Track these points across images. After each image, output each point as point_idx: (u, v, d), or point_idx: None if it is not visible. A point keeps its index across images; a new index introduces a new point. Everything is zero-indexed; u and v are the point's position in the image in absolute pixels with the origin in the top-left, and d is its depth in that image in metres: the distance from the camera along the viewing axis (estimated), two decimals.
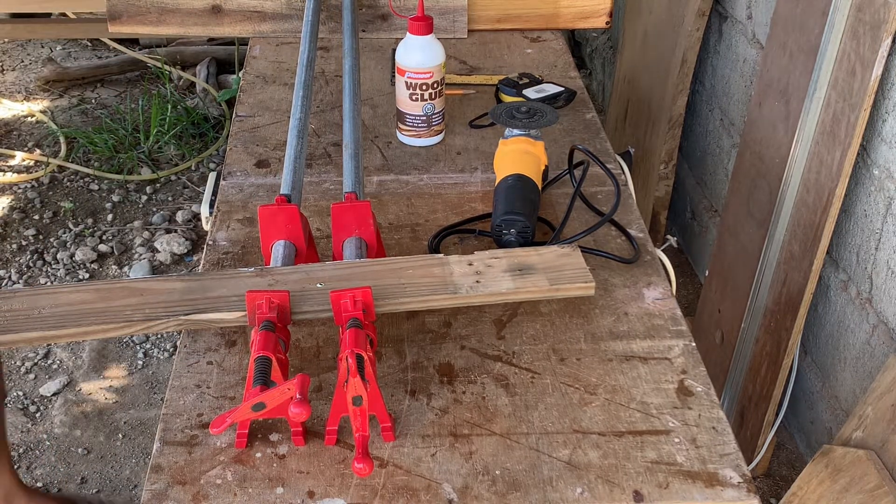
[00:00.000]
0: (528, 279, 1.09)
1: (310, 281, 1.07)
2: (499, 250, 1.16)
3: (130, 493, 2.04)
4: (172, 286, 1.08)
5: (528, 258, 1.12)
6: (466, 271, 1.10)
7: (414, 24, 1.45)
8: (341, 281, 1.07)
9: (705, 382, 1.07)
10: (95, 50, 3.92)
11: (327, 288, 1.05)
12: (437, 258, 1.12)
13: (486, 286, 1.08)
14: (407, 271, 1.09)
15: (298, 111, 1.38)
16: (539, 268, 1.11)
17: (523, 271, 1.10)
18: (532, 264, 1.11)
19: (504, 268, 1.10)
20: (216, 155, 3.20)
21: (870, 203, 1.61)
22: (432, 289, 1.07)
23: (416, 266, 1.10)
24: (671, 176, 2.48)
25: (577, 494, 0.93)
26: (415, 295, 1.06)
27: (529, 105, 1.40)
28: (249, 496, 0.92)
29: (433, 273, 1.09)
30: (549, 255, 1.13)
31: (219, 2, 1.87)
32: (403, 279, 1.08)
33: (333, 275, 1.08)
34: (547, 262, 1.12)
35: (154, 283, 1.09)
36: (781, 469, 2.02)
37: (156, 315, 1.04)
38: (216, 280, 1.09)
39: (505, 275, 1.10)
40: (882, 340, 1.61)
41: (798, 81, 1.69)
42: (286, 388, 0.91)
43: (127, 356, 2.39)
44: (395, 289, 1.06)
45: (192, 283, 1.08)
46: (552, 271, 1.10)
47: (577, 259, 1.12)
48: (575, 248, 1.14)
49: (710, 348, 2.08)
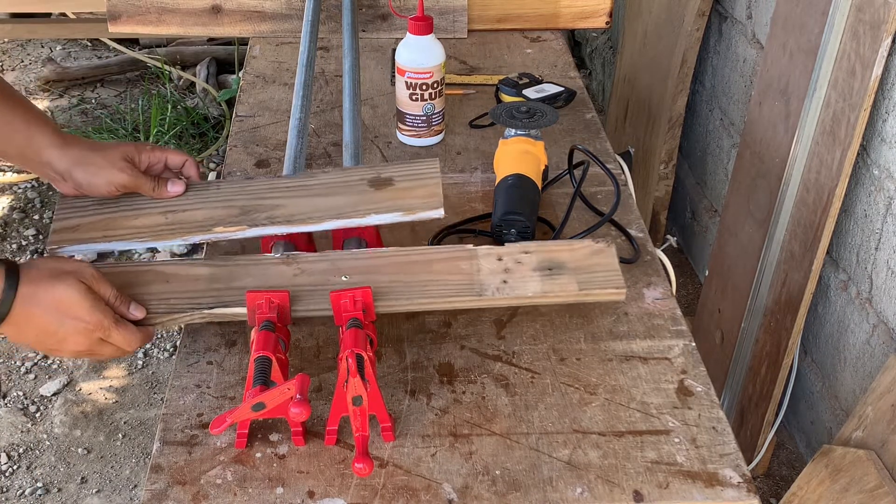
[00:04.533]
0: (557, 282, 1.05)
1: (336, 272, 1.06)
2: (530, 243, 1.11)
3: (130, 492, 2.04)
4: (199, 272, 1.07)
5: (559, 254, 1.08)
6: (495, 268, 1.06)
7: (414, 24, 1.45)
8: (367, 274, 1.06)
9: (705, 382, 1.07)
10: (95, 50, 3.92)
11: (352, 281, 1.04)
12: (465, 249, 1.09)
13: (514, 288, 1.05)
14: (434, 264, 1.07)
15: (298, 111, 1.38)
16: (570, 267, 1.07)
17: (553, 271, 1.07)
18: (563, 262, 1.07)
19: (534, 265, 1.07)
20: (216, 155, 3.20)
21: (870, 203, 1.61)
22: (457, 289, 1.05)
23: (443, 258, 1.07)
24: (671, 176, 2.48)
25: (577, 494, 0.93)
26: (439, 296, 1.04)
27: (529, 105, 1.40)
28: (249, 496, 0.92)
29: (460, 268, 1.06)
30: (582, 252, 1.09)
31: (219, 2, 1.87)
32: (430, 274, 1.05)
33: (358, 265, 1.07)
34: (578, 261, 1.07)
35: (181, 267, 1.07)
36: (781, 469, 2.02)
37: (180, 307, 1.03)
38: (242, 266, 1.07)
39: (534, 274, 1.06)
40: (882, 340, 1.61)
41: (798, 81, 1.69)
42: (286, 388, 0.91)
43: (127, 356, 2.39)
44: (420, 286, 1.04)
45: (219, 270, 1.07)
46: (583, 272, 1.06)
47: (610, 259, 1.08)
48: (610, 245, 1.09)
49: (710, 348, 2.08)
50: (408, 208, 1.10)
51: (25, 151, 1.09)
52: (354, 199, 1.12)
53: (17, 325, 0.95)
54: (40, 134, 1.09)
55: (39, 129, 1.09)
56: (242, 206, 1.12)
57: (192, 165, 1.17)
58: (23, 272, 0.95)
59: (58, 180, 1.12)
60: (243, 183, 1.15)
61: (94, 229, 1.13)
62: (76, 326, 0.96)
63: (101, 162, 1.11)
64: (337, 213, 1.10)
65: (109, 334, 0.98)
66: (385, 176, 1.14)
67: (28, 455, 2.12)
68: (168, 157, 1.16)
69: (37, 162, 1.10)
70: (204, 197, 1.14)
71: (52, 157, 1.10)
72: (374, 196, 1.12)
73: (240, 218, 1.11)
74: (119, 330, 0.99)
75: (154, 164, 1.15)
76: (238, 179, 1.15)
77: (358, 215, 1.10)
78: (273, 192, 1.14)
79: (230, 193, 1.14)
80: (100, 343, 0.99)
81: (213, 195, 1.14)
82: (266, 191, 1.14)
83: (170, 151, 1.16)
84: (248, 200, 1.13)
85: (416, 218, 1.10)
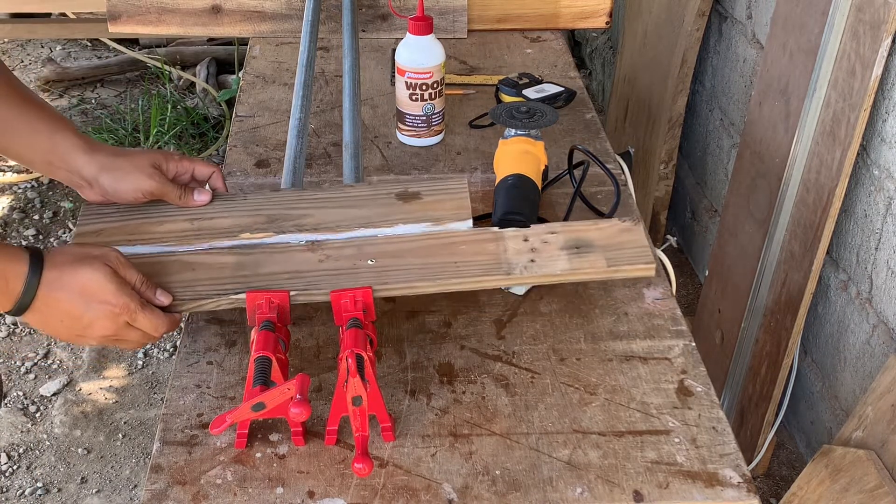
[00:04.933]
0: (586, 258, 1.04)
1: (361, 256, 1.06)
2: (556, 224, 1.11)
3: (130, 492, 2.04)
4: (224, 260, 1.07)
5: (587, 233, 1.08)
6: (521, 248, 1.06)
7: (414, 24, 1.45)
8: (393, 258, 1.06)
9: (705, 382, 1.07)
10: (95, 50, 3.92)
11: (377, 266, 1.04)
12: (491, 232, 1.09)
13: (542, 266, 1.04)
14: (460, 246, 1.06)
15: (298, 111, 1.38)
16: (598, 245, 1.06)
17: (581, 249, 1.06)
18: (591, 240, 1.06)
19: (561, 244, 1.06)
20: (216, 155, 3.20)
21: (870, 203, 1.61)
22: (486, 269, 1.04)
23: (469, 241, 1.07)
24: (671, 176, 2.48)
25: (577, 494, 0.93)
26: (467, 275, 1.04)
27: (529, 105, 1.40)
28: (249, 496, 0.92)
29: (487, 250, 1.06)
30: (609, 230, 1.08)
31: (219, 2, 1.87)
32: (456, 256, 1.05)
33: (384, 249, 1.07)
34: (606, 239, 1.07)
35: (206, 256, 1.08)
36: (781, 469, 2.02)
37: (207, 294, 1.03)
38: (267, 254, 1.07)
39: (561, 253, 1.06)
40: (882, 340, 1.61)
41: (798, 81, 1.69)
42: (286, 388, 0.91)
43: (127, 356, 2.39)
44: (448, 267, 1.04)
45: (244, 258, 1.07)
46: (611, 249, 1.06)
47: (638, 235, 1.07)
48: (638, 222, 1.09)
49: (710, 348, 2.08)
50: (436, 219, 1.11)
51: (51, 158, 1.08)
52: (382, 210, 1.12)
53: (41, 312, 0.94)
54: (66, 140, 1.08)
55: (64, 135, 1.08)
56: (269, 215, 1.13)
57: (220, 177, 1.16)
58: (47, 258, 0.95)
59: (84, 187, 1.11)
60: (270, 194, 1.16)
61: (118, 234, 1.13)
62: (102, 310, 0.95)
63: (129, 167, 1.10)
64: (365, 221, 1.10)
65: (136, 318, 0.97)
66: (413, 190, 1.15)
67: (28, 455, 2.12)
68: (196, 167, 1.15)
69: (63, 169, 1.09)
70: (230, 206, 1.14)
71: (80, 164, 1.08)
72: (403, 207, 1.13)
73: (266, 225, 1.11)
74: (146, 314, 0.98)
75: (181, 174, 1.15)
76: (264, 191, 1.15)
77: (386, 224, 1.11)
78: (300, 202, 1.14)
79: (257, 204, 1.14)
80: (126, 328, 0.98)
81: (240, 205, 1.15)
82: (293, 202, 1.14)
83: (198, 162, 1.15)
84: (274, 210, 1.13)
85: (444, 229, 1.10)
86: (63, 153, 1.08)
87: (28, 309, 0.94)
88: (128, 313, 0.97)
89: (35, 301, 0.93)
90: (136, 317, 0.97)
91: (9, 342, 2.44)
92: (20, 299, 0.93)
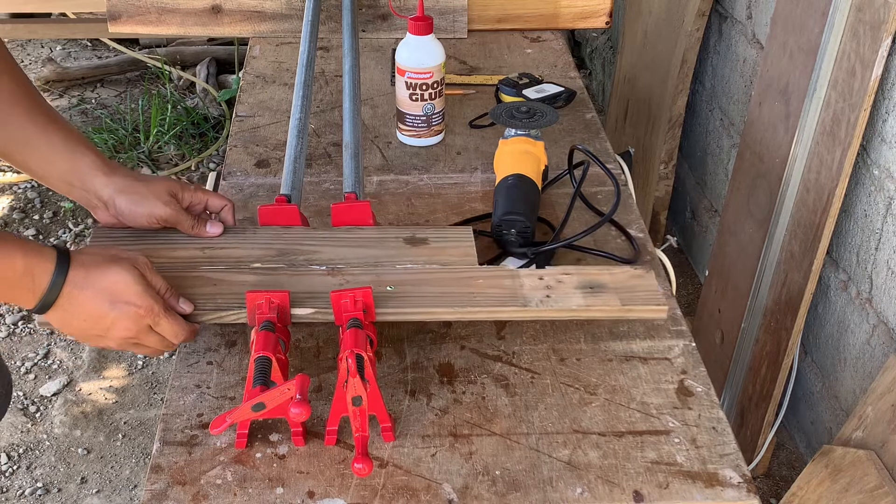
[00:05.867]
0: (600, 297, 1.07)
1: (380, 283, 1.07)
2: (570, 266, 1.14)
3: (130, 492, 2.04)
4: (246, 279, 1.08)
5: (599, 276, 1.11)
6: (537, 285, 1.08)
7: (414, 24, 1.45)
8: (412, 286, 1.07)
9: (705, 382, 1.07)
10: (95, 50, 3.92)
11: (397, 291, 1.06)
12: (507, 270, 1.11)
13: (557, 301, 1.06)
14: (477, 280, 1.09)
15: (298, 111, 1.38)
16: (611, 287, 1.09)
17: (594, 289, 1.08)
18: (604, 283, 1.09)
19: (575, 284, 1.09)
20: (216, 155, 3.20)
21: (870, 203, 1.61)
22: (501, 300, 1.06)
23: (486, 276, 1.10)
24: (671, 176, 2.48)
25: (577, 494, 0.93)
26: (484, 305, 1.05)
27: (529, 105, 1.40)
28: (249, 496, 0.92)
29: (503, 284, 1.08)
30: (621, 276, 1.11)
31: (219, 2, 1.87)
32: (473, 288, 1.07)
33: (403, 279, 1.08)
34: (619, 282, 1.10)
35: (228, 274, 1.09)
36: (781, 469, 2.02)
37: (227, 305, 1.04)
38: (288, 276, 1.09)
39: (576, 291, 1.08)
40: (882, 340, 1.61)
41: (798, 81, 1.69)
42: (286, 389, 0.91)
43: (127, 356, 2.39)
44: (465, 297, 1.06)
45: (265, 278, 1.08)
46: (624, 291, 1.08)
47: (649, 281, 1.10)
48: (648, 270, 1.12)
49: (710, 348, 2.08)
50: (443, 262, 1.13)
51: (69, 177, 1.08)
52: (391, 252, 1.14)
53: (65, 310, 0.94)
54: (85, 160, 1.08)
55: (83, 155, 1.08)
56: (280, 249, 1.14)
57: (231, 211, 1.17)
58: (74, 257, 0.95)
59: (99, 208, 1.11)
60: (280, 229, 1.17)
61: None
62: (126, 311, 0.95)
63: (145, 192, 1.10)
64: (374, 261, 1.12)
65: (158, 322, 0.98)
66: (420, 236, 1.17)
67: (28, 455, 2.12)
68: (209, 199, 1.16)
69: (80, 188, 1.09)
70: (241, 238, 1.15)
71: (98, 185, 1.09)
72: (410, 251, 1.15)
73: (278, 258, 1.12)
74: (168, 319, 0.98)
75: (195, 204, 1.15)
76: (274, 228, 1.17)
77: (395, 265, 1.12)
78: (310, 239, 1.16)
79: (267, 238, 1.16)
80: (147, 332, 0.98)
81: (250, 238, 1.16)
82: (303, 238, 1.16)
83: (211, 194, 1.16)
84: (285, 245, 1.15)
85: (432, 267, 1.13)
86: (82, 173, 1.08)
87: (52, 307, 0.94)
88: (151, 316, 0.97)
89: (59, 299, 0.93)
90: (159, 321, 0.98)
91: (9, 342, 2.44)
92: (45, 296, 0.93)
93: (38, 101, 1.09)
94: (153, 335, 0.99)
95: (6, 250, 0.91)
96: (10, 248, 0.91)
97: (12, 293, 0.92)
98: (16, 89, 1.06)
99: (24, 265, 0.91)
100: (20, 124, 1.06)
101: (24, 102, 1.06)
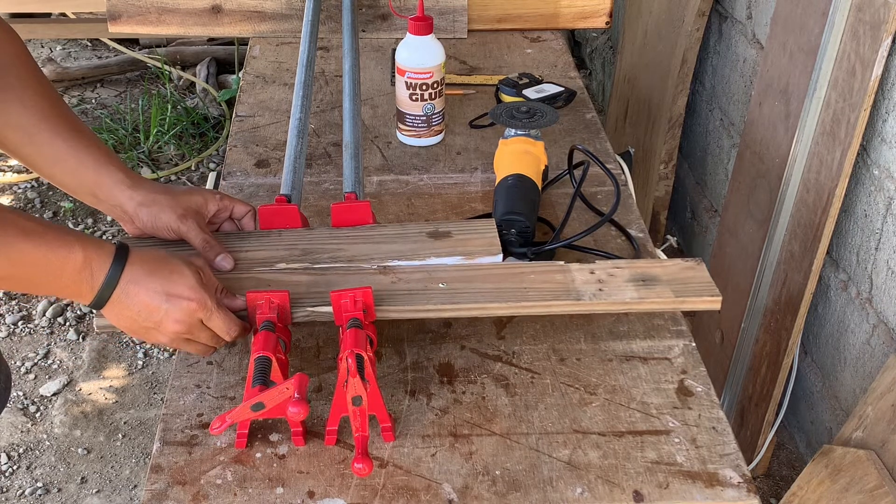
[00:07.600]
0: (653, 290, 1.07)
1: (432, 280, 1.08)
2: (621, 260, 1.14)
3: (130, 492, 2.04)
4: (299, 279, 1.08)
5: (651, 269, 1.10)
6: (588, 279, 1.08)
7: (414, 24, 1.45)
8: (464, 282, 1.07)
9: (705, 382, 1.07)
10: (95, 50, 3.92)
11: (448, 288, 1.06)
12: (558, 265, 1.11)
13: (610, 294, 1.06)
14: (529, 276, 1.09)
15: (298, 111, 1.38)
16: (663, 279, 1.08)
17: (647, 282, 1.08)
18: (656, 275, 1.09)
19: (627, 277, 1.09)
20: (216, 155, 3.20)
21: (870, 203, 1.61)
22: (555, 294, 1.06)
23: (537, 271, 1.10)
24: (671, 176, 2.48)
25: (577, 494, 0.93)
26: (538, 299, 1.05)
27: (529, 105, 1.40)
28: (249, 496, 0.92)
29: (555, 279, 1.08)
30: (672, 268, 1.11)
31: (219, 2, 1.87)
32: (525, 283, 1.07)
33: (455, 276, 1.09)
34: (671, 274, 1.09)
35: (281, 275, 1.09)
36: (781, 469, 2.02)
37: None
38: (340, 275, 1.09)
39: (628, 284, 1.08)
40: (882, 340, 1.61)
41: (798, 81, 1.69)
42: (284, 388, 0.91)
43: (127, 356, 2.39)
44: (518, 293, 1.06)
45: (319, 278, 1.09)
46: (677, 283, 1.08)
47: (702, 272, 1.10)
48: (699, 261, 1.12)
49: (710, 348, 2.08)
50: (467, 253, 1.13)
51: (96, 191, 1.10)
52: (414, 245, 1.15)
53: (120, 304, 0.95)
54: (111, 175, 1.09)
55: (109, 170, 1.09)
56: (304, 249, 1.14)
57: (251, 218, 1.19)
58: (132, 252, 0.96)
59: (126, 221, 1.13)
60: (302, 231, 1.18)
61: None
62: (180, 305, 0.96)
63: (166, 204, 1.11)
64: (398, 255, 1.13)
65: (211, 317, 0.98)
66: (443, 230, 1.18)
67: (28, 455, 2.12)
68: (235, 206, 1.18)
69: (107, 202, 1.11)
70: (265, 242, 1.16)
71: (123, 199, 1.10)
72: (434, 244, 1.15)
73: (302, 257, 1.13)
74: (221, 314, 0.99)
75: (222, 212, 1.17)
76: (297, 230, 1.18)
77: (419, 258, 1.13)
78: (333, 238, 1.16)
79: (291, 239, 1.16)
80: (199, 327, 0.98)
81: (274, 240, 1.16)
82: (326, 238, 1.17)
83: (237, 202, 1.18)
84: (308, 245, 1.15)
85: (475, 262, 1.13)
86: (108, 188, 1.10)
87: (107, 301, 0.94)
88: (204, 311, 0.97)
89: (115, 292, 0.94)
90: (212, 315, 0.98)
91: (9, 342, 2.44)
92: (101, 290, 0.93)
93: (66, 115, 1.09)
94: (204, 331, 0.99)
95: (67, 244, 0.91)
96: (70, 241, 0.92)
97: (71, 288, 0.93)
98: (43, 104, 1.07)
99: (83, 259, 0.92)
100: (48, 139, 1.06)
101: (51, 117, 1.07)
